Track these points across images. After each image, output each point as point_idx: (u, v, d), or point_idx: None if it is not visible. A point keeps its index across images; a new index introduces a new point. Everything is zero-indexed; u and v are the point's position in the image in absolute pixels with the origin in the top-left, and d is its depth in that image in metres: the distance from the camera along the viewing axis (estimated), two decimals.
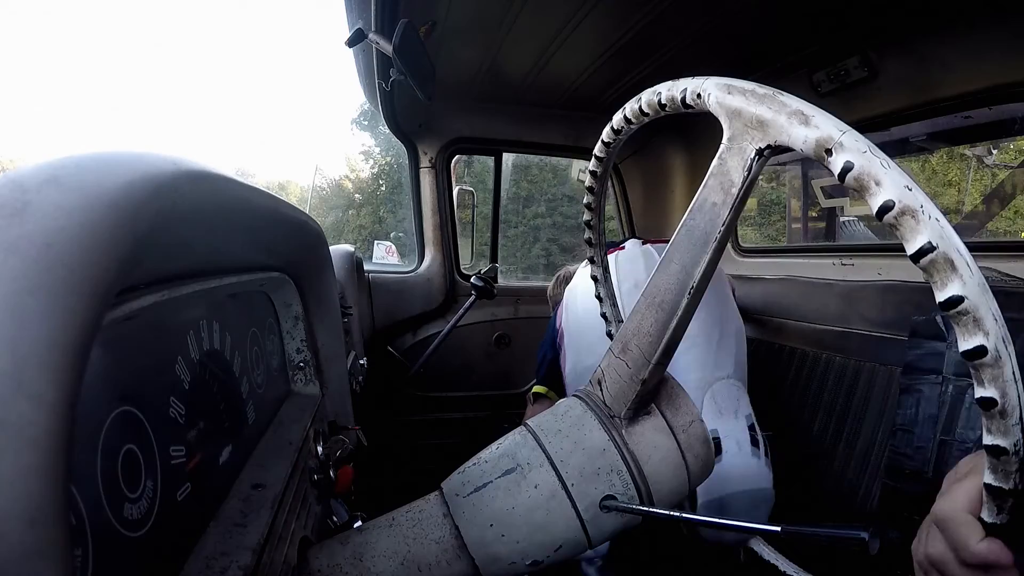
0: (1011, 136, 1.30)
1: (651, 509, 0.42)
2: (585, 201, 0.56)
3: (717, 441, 1.25)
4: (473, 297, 1.96)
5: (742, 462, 1.22)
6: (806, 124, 0.33)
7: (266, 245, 0.51)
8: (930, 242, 0.28)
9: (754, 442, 1.28)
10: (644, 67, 1.54)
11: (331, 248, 0.81)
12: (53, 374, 0.17)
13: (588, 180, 0.55)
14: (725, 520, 0.44)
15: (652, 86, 0.43)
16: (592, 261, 0.61)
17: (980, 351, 0.28)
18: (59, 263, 0.18)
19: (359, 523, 0.49)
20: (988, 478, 0.32)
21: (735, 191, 0.37)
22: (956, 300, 0.28)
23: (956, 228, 0.30)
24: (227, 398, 0.46)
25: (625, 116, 0.45)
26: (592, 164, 0.52)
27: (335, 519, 0.56)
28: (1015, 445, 0.30)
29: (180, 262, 0.36)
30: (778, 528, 0.36)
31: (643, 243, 1.51)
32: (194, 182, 0.28)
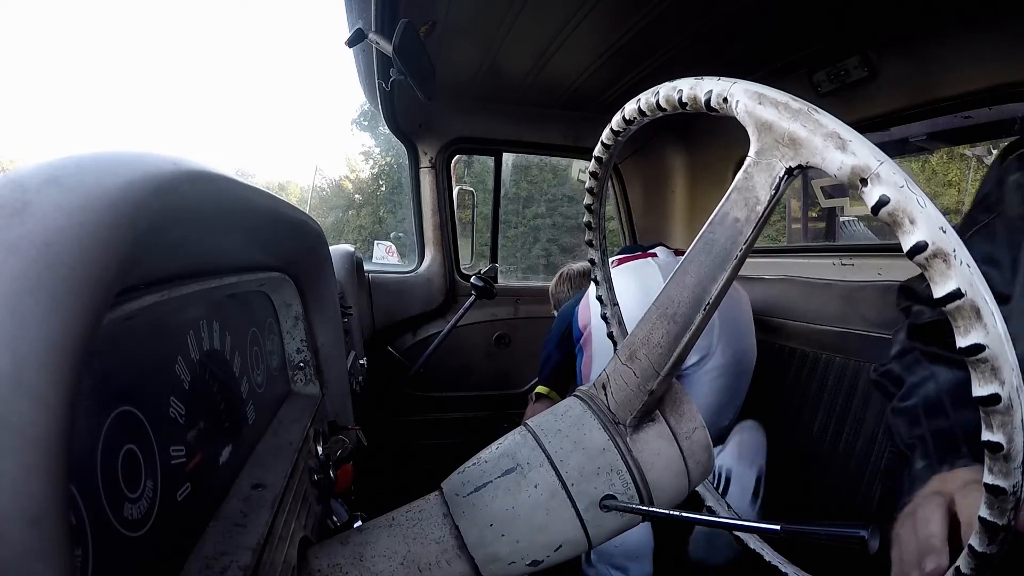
0: (1011, 136, 1.30)
1: (651, 508, 0.42)
2: (585, 202, 0.56)
3: (728, 480, 1.34)
4: (473, 297, 1.96)
5: (738, 508, 1.29)
6: (843, 149, 0.32)
7: (266, 245, 0.51)
8: (959, 288, 0.28)
9: (755, 493, 1.38)
10: (644, 67, 1.54)
11: (331, 248, 0.81)
12: (53, 374, 0.17)
13: (588, 181, 0.54)
14: (725, 519, 0.45)
15: (652, 86, 0.43)
16: (592, 263, 0.60)
17: (994, 399, 0.29)
18: (59, 263, 0.18)
19: (359, 523, 0.50)
20: (984, 512, 0.32)
21: (760, 209, 0.36)
22: (977, 348, 0.28)
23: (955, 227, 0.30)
24: (227, 398, 0.46)
25: (640, 108, 0.44)
26: (592, 165, 0.52)
27: (335, 519, 0.56)
28: (1014, 487, 0.30)
29: (180, 262, 0.36)
30: (778, 527, 0.36)
31: (675, 253, 1.60)
32: (194, 182, 0.28)
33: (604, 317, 0.63)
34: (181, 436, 0.36)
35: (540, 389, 1.67)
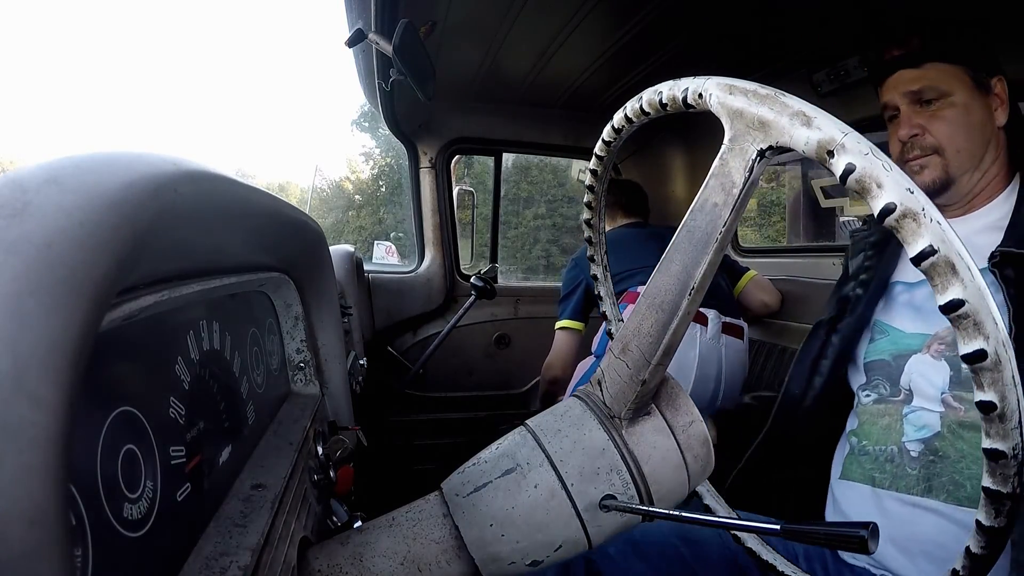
0: None
1: (650, 508, 0.42)
2: (585, 200, 0.57)
3: None
4: (473, 297, 1.96)
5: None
6: (808, 125, 0.33)
7: (266, 245, 0.51)
8: (931, 245, 0.28)
9: None
10: (644, 67, 1.54)
11: (331, 248, 0.81)
12: (53, 374, 0.17)
13: (588, 179, 0.55)
14: (725, 519, 0.45)
15: (652, 86, 0.43)
16: (592, 260, 0.61)
17: (980, 355, 0.28)
18: (59, 263, 0.18)
19: (359, 523, 0.50)
20: (986, 482, 0.32)
21: (736, 192, 0.37)
22: (957, 304, 0.28)
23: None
24: (227, 398, 0.46)
25: (626, 115, 0.45)
26: (592, 163, 0.52)
27: (335, 519, 0.56)
28: (1014, 449, 0.30)
29: (180, 262, 0.36)
30: (778, 527, 0.36)
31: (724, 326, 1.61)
32: (194, 182, 0.28)
33: (608, 333, 0.64)
34: (181, 436, 0.36)
35: (564, 323, 1.71)
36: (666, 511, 0.41)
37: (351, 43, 1.18)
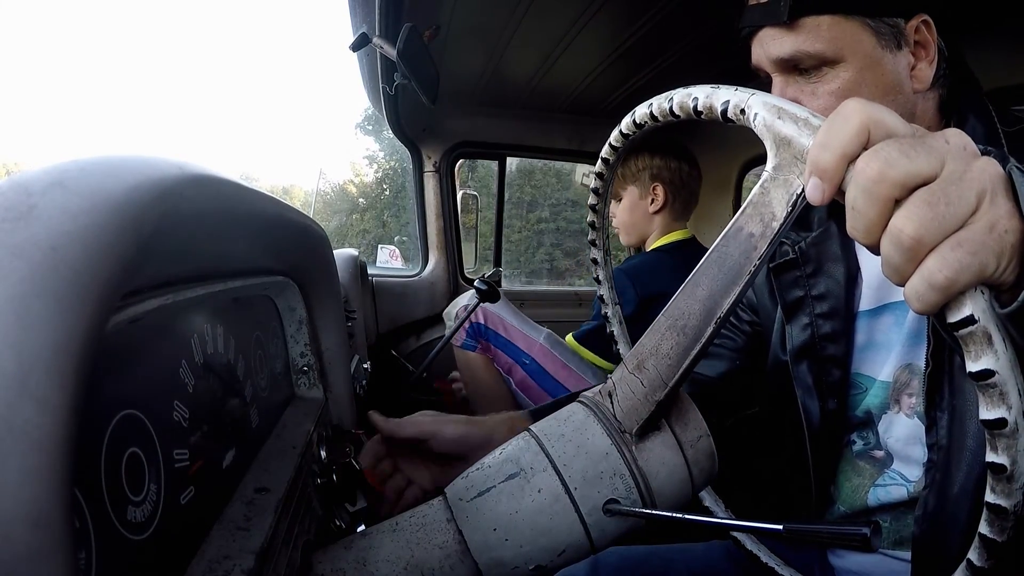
0: None
1: (653, 512, 0.41)
2: (590, 202, 0.57)
3: None
4: (477, 300, 1.96)
5: None
6: None
7: (270, 249, 0.51)
8: (973, 315, 0.28)
9: None
10: (648, 71, 1.54)
11: (335, 252, 0.81)
12: (58, 377, 0.17)
13: (594, 181, 0.55)
14: (726, 521, 0.45)
15: (656, 91, 0.42)
16: (595, 262, 0.61)
17: (1001, 423, 0.29)
18: (64, 266, 0.18)
19: (362, 527, 0.49)
20: (984, 529, 0.32)
21: (776, 225, 0.35)
22: (988, 373, 0.28)
23: None
24: (231, 402, 0.46)
25: (651, 112, 0.43)
26: (605, 151, 0.51)
27: (339, 523, 0.56)
28: (1015, 506, 0.31)
29: (184, 266, 0.36)
30: (780, 526, 0.35)
31: None
32: (199, 186, 0.28)
33: (605, 316, 0.63)
34: (185, 440, 0.36)
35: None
36: (668, 514, 0.41)
37: (355, 47, 1.19)
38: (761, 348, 0.87)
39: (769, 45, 0.64)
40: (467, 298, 1.83)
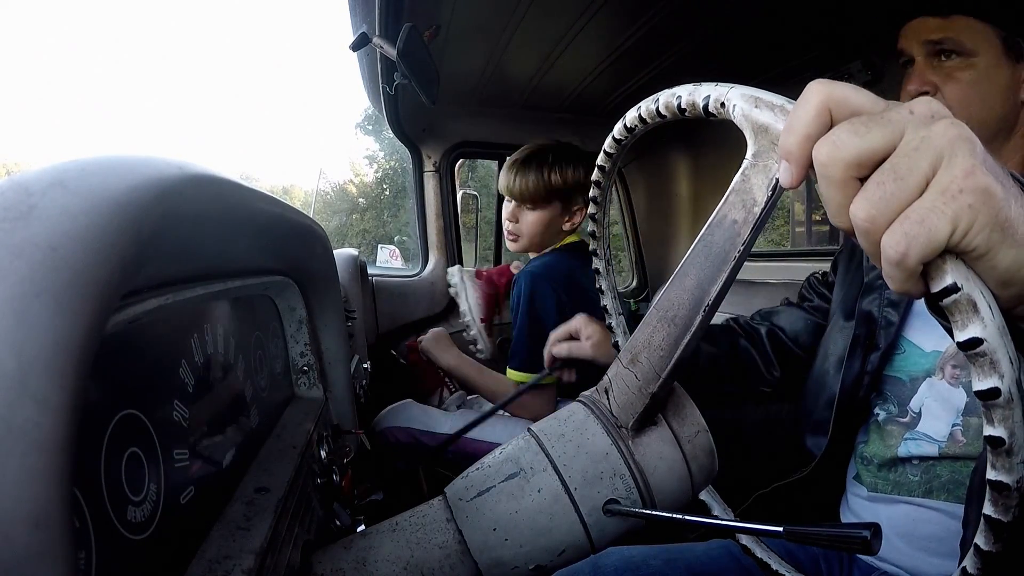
0: None
1: (653, 512, 0.42)
2: (589, 210, 0.57)
3: None
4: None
5: None
6: None
7: (270, 249, 0.51)
8: (956, 283, 0.28)
9: None
10: (648, 71, 1.54)
11: (335, 252, 0.81)
12: (58, 377, 0.17)
13: (592, 189, 0.55)
14: (727, 521, 0.44)
15: (656, 91, 0.43)
16: (595, 254, 0.61)
17: (994, 392, 0.28)
18: (64, 266, 0.18)
19: (362, 527, 0.49)
20: (988, 510, 0.32)
21: (757, 210, 0.36)
22: (976, 342, 0.28)
23: None
24: (231, 402, 0.46)
25: (640, 115, 0.44)
26: (600, 159, 0.52)
27: (338, 523, 0.56)
28: (1017, 482, 0.30)
29: (184, 266, 0.36)
30: (780, 528, 0.35)
31: None
32: (198, 186, 0.28)
33: (609, 326, 0.64)
34: (184, 439, 0.36)
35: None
36: (668, 514, 0.41)
37: (355, 47, 1.19)
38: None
39: (925, 30, 0.79)
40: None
